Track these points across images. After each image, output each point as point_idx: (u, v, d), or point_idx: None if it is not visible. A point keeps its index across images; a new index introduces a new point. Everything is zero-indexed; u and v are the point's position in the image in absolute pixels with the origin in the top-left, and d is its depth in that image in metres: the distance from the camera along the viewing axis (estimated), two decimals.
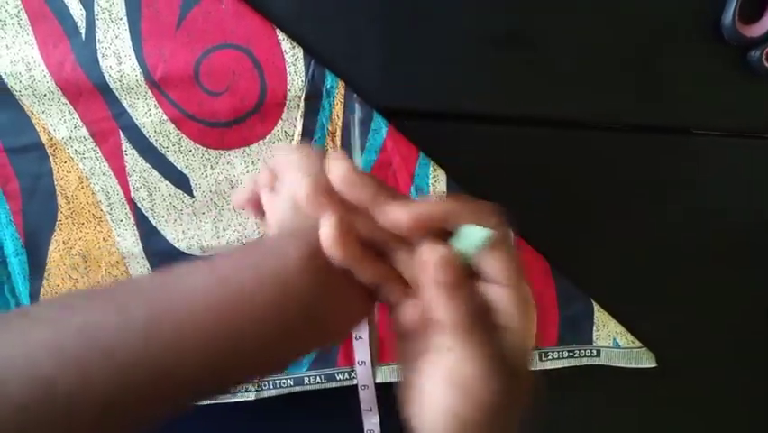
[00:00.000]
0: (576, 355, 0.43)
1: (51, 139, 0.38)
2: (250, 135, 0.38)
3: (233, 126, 0.38)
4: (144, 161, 0.38)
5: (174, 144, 0.38)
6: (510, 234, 0.20)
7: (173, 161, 0.38)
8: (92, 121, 0.38)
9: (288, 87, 0.37)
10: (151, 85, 0.37)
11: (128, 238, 0.39)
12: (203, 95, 0.37)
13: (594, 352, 0.43)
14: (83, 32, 0.36)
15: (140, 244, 0.40)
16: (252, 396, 0.41)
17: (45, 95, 0.37)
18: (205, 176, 0.39)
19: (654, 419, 0.46)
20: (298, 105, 0.38)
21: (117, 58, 0.37)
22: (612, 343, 0.43)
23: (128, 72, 0.37)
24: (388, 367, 0.42)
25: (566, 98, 0.39)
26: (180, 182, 0.39)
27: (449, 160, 0.39)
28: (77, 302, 0.18)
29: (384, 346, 0.42)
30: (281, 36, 0.37)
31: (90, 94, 0.37)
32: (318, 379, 0.42)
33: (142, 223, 0.39)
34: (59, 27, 0.36)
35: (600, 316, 0.42)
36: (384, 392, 0.42)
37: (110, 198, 0.39)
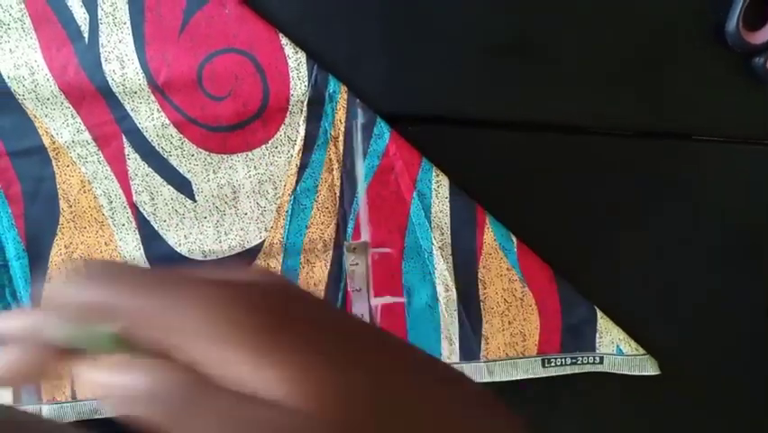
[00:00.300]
0: (579, 362, 0.43)
1: (54, 143, 0.38)
2: (252, 140, 0.38)
3: (235, 131, 0.38)
4: (146, 165, 0.38)
5: (176, 149, 0.38)
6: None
7: (175, 166, 0.38)
8: (95, 125, 0.38)
9: (291, 92, 0.37)
10: (154, 89, 0.37)
11: (130, 242, 0.39)
12: (205, 99, 0.37)
13: (597, 359, 0.43)
14: (86, 36, 0.36)
15: (141, 248, 0.39)
16: None
17: (48, 98, 0.37)
18: (207, 180, 0.39)
19: (658, 426, 0.46)
20: (301, 110, 0.38)
21: (120, 62, 0.37)
22: (615, 350, 0.42)
23: (131, 76, 0.37)
24: None
25: (568, 103, 0.39)
26: (182, 186, 0.39)
27: (452, 165, 0.39)
28: None
29: None
30: (284, 41, 0.37)
31: (93, 98, 0.37)
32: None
33: (144, 227, 0.39)
34: (62, 31, 0.36)
35: (603, 322, 0.42)
36: None
37: (112, 203, 0.39)
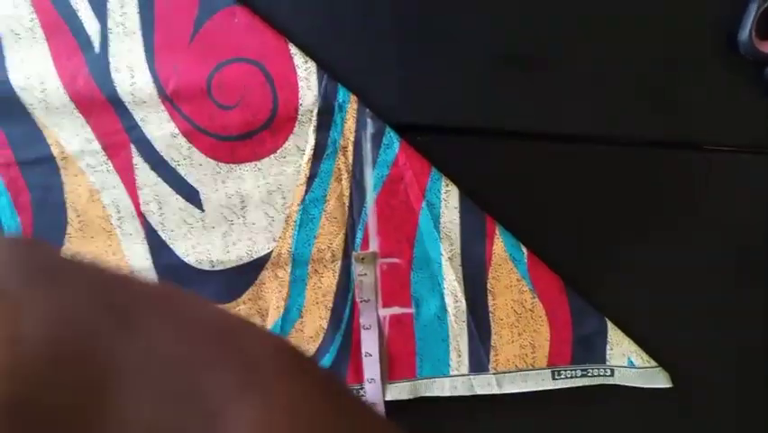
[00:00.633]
0: (589, 374, 0.42)
1: (63, 152, 0.38)
2: (261, 149, 0.38)
3: (244, 140, 0.38)
4: (155, 175, 0.38)
5: (185, 158, 0.38)
6: None
7: (184, 175, 0.38)
8: (104, 134, 0.37)
9: (300, 102, 0.37)
10: (164, 98, 0.37)
11: (137, 252, 0.39)
12: (215, 108, 0.37)
13: (608, 371, 0.42)
14: (97, 45, 0.36)
15: (149, 257, 0.39)
16: None
17: (58, 108, 0.37)
18: (216, 190, 0.39)
19: None
20: (310, 120, 0.38)
21: (130, 71, 0.37)
22: (626, 362, 0.42)
23: (141, 86, 0.37)
24: (398, 385, 0.42)
25: (579, 114, 0.39)
26: (190, 196, 0.39)
27: (461, 175, 0.39)
28: None
29: (394, 364, 0.42)
30: (294, 50, 0.37)
31: (103, 107, 0.37)
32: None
33: (152, 237, 0.39)
34: (73, 40, 0.36)
35: (614, 334, 0.41)
36: (393, 410, 0.41)
37: (120, 212, 0.39)
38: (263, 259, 0.40)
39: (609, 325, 0.41)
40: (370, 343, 0.41)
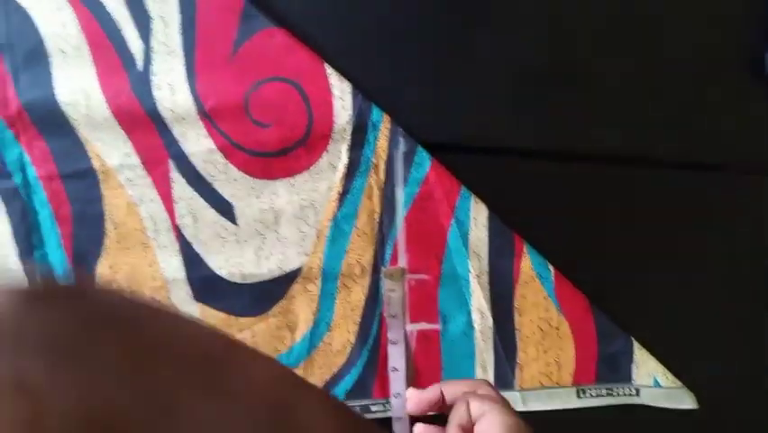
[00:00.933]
0: (615, 394, 0.42)
1: (104, 165, 0.39)
2: (295, 166, 0.39)
3: (279, 157, 0.39)
4: (191, 189, 0.39)
5: (221, 173, 0.39)
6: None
7: (219, 190, 0.39)
8: (143, 149, 0.39)
9: (335, 120, 0.38)
10: (202, 115, 0.38)
11: (172, 264, 0.40)
12: (251, 126, 0.38)
13: (633, 391, 0.42)
14: (140, 63, 0.38)
15: (183, 270, 0.40)
16: None
17: (101, 123, 0.38)
18: (250, 205, 0.39)
19: None
20: (344, 138, 0.39)
21: (171, 89, 0.38)
22: (652, 382, 0.42)
23: (181, 103, 0.38)
24: None
25: (607, 134, 0.40)
26: (225, 210, 0.40)
27: (490, 193, 0.40)
28: None
29: (420, 379, 0.42)
30: (330, 71, 0.38)
31: (143, 123, 0.38)
32: (353, 410, 0.42)
33: (186, 249, 0.40)
34: (117, 59, 0.38)
35: (640, 354, 0.42)
36: None
37: (156, 225, 0.40)
38: (294, 273, 0.40)
39: (635, 344, 0.42)
40: (396, 358, 0.41)
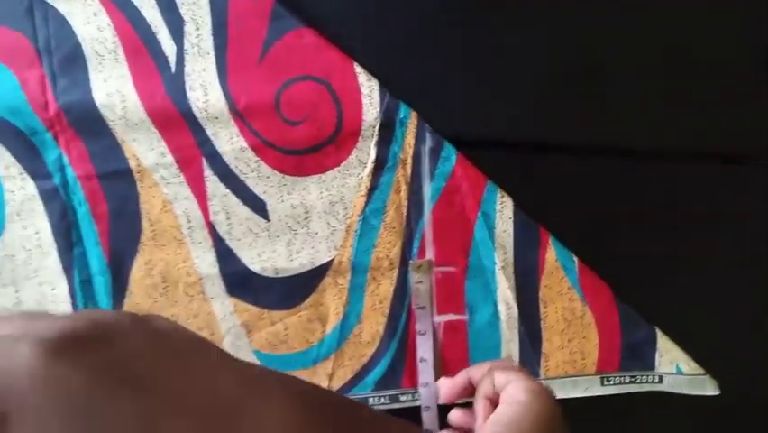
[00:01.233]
0: (638, 381, 0.43)
1: (139, 165, 0.40)
2: (325, 162, 0.40)
3: (309, 154, 0.40)
4: (224, 187, 0.40)
5: (253, 171, 0.40)
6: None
7: (251, 187, 0.40)
8: (178, 148, 0.40)
9: (364, 118, 0.39)
10: (234, 114, 0.39)
11: (206, 260, 0.41)
12: (282, 124, 0.39)
13: (656, 378, 0.43)
14: (173, 65, 0.39)
15: (216, 265, 0.41)
16: None
17: (136, 124, 0.39)
18: (282, 201, 0.41)
19: None
20: (372, 135, 0.40)
21: (204, 89, 0.39)
22: (675, 369, 0.43)
23: (213, 103, 0.39)
24: None
25: (632, 129, 0.40)
26: (257, 207, 0.41)
27: (515, 187, 0.40)
28: None
29: (447, 369, 0.43)
30: (358, 69, 0.39)
31: (177, 123, 0.39)
32: (383, 399, 0.43)
33: (220, 245, 0.41)
34: (151, 62, 0.39)
35: (663, 342, 0.43)
36: (446, 413, 0.43)
37: (191, 222, 0.41)
38: (325, 267, 0.41)
39: (658, 332, 0.42)
40: (425, 348, 0.42)
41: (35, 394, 0.13)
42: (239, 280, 0.41)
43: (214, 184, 0.40)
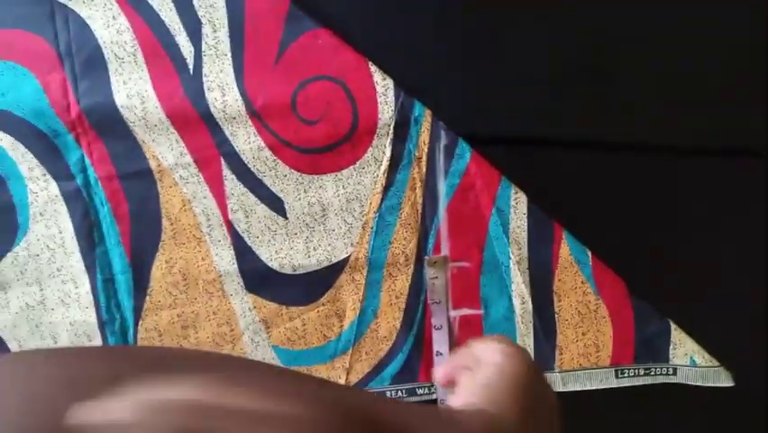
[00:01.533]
0: (652, 373, 0.44)
1: (159, 165, 0.41)
2: (341, 161, 0.41)
3: (325, 153, 0.40)
4: (242, 186, 0.41)
5: (270, 170, 0.41)
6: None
7: (269, 186, 0.41)
8: (196, 149, 0.40)
9: (379, 116, 0.40)
10: (252, 115, 0.40)
11: (225, 257, 0.42)
12: (299, 123, 0.40)
13: (671, 370, 0.44)
14: (191, 67, 0.39)
15: (235, 263, 0.42)
16: None
17: (156, 125, 0.40)
18: (299, 199, 0.41)
19: None
20: (388, 133, 0.40)
21: (221, 90, 0.39)
22: (689, 361, 0.43)
23: (231, 103, 0.40)
24: None
25: (647, 125, 0.41)
26: (275, 205, 0.41)
27: (529, 183, 0.41)
28: None
29: None
30: (373, 68, 0.39)
31: (196, 124, 0.40)
32: (399, 393, 0.44)
33: (238, 243, 0.42)
34: (170, 63, 0.39)
35: (677, 335, 0.43)
36: None
37: (209, 220, 0.42)
38: (342, 263, 0.42)
39: (672, 325, 0.43)
40: (441, 342, 0.43)
41: None
42: (257, 277, 0.42)
43: (232, 183, 0.41)
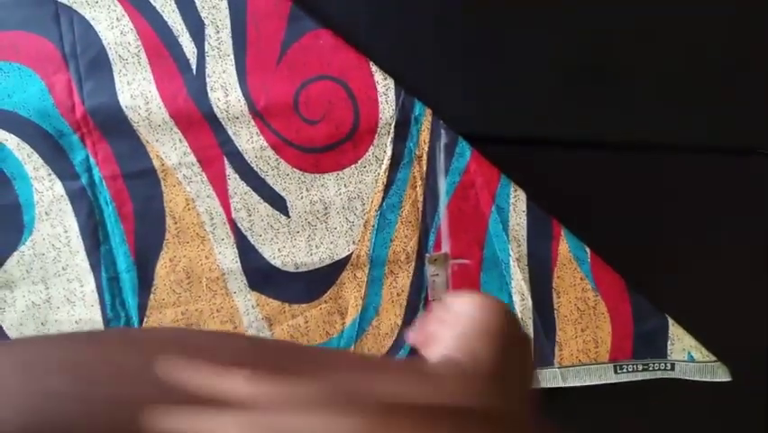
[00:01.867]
0: (650, 369, 0.44)
1: (163, 165, 0.41)
2: (343, 160, 0.41)
3: (327, 152, 0.41)
4: (245, 185, 0.42)
5: (273, 169, 0.41)
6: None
7: (272, 185, 0.42)
8: (199, 148, 0.41)
9: (380, 116, 0.40)
10: (254, 114, 0.40)
11: (228, 256, 0.43)
12: (301, 123, 0.40)
13: (668, 365, 0.44)
14: (194, 67, 0.40)
15: (238, 261, 0.43)
16: None
17: (159, 125, 0.40)
18: (301, 198, 0.42)
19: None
20: (388, 132, 0.41)
21: (224, 90, 0.40)
22: (687, 357, 0.44)
23: (234, 103, 0.40)
24: None
25: (640, 123, 0.41)
26: (277, 204, 0.42)
27: (528, 181, 0.41)
28: None
29: None
30: (374, 68, 0.40)
31: (199, 124, 0.40)
32: None
33: (241, 241, 0.42)
34: (173, 64, 0.40)
35: (675, 330, 0.43)
36: None
37: (213, 219, 0.42)
38: (343, 261, 0.43)
39: (670, 321, 0.43)
40: None
41: None
42: (260, 274, 0.43)
43: (235, 182, 0.42)
